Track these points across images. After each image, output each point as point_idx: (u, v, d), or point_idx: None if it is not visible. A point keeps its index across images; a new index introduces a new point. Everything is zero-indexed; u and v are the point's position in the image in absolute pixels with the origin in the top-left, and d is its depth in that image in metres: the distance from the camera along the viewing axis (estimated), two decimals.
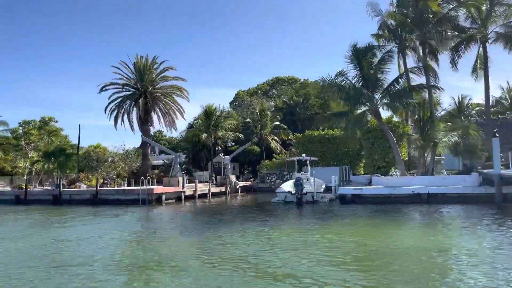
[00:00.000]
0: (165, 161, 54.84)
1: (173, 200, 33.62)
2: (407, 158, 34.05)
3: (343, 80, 31.57)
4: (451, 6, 30.06)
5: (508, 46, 30.61)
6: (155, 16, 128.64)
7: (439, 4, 29.67)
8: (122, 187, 35.51)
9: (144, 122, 44.01)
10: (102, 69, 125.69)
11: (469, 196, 24.87)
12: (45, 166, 40.08)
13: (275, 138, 54.62)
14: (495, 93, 52.25)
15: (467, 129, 28.93)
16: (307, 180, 30.15)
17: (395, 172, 33.57)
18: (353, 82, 31.02)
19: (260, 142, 53.37)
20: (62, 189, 34.22)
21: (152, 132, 46.40)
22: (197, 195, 36.00)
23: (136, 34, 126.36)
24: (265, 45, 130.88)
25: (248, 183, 47.61)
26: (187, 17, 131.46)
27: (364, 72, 29.82)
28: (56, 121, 65.46)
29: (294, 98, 63.24)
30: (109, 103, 44.34)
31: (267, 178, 48.09)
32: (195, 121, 53.66)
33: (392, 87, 29.43)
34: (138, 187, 31.88)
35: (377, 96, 30.19)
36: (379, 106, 29.94)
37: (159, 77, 45.23)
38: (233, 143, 56.66)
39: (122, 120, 44.60)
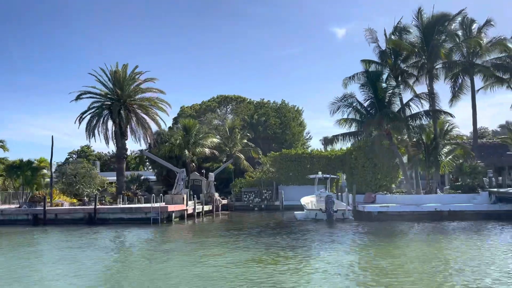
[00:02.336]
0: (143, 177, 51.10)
1: (177, 219, 31.58)
2: (402, 177, 36.14)
3: (353, 102, 32.91)
4: (451, 44, 33.25)
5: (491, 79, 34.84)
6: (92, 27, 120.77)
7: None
8: (128, 205, 32.35)
9: (121, 135, 40.85)
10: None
11: (484, 213, 27.21)
12: (6, 183, 35.05)
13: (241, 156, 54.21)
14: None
15: (467, 150, 31.92)
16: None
17: (393, 190, 35.40)
18: (365, 104, 32.49)
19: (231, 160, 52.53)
20: (46, 208, 30.17)
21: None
22: (196, 213, 34.23)
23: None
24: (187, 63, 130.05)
25: (225, 201, 46.40)
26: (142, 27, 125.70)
27: (378, 95, 31.35)
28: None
29: (255, 117, 63.62)
30: (83, 114, 40.49)
31: (245, 196, 47.37)
32: (162, 136, 51.10)
33: (402, 111, 31.41)
34: (147, 205, 29.39)
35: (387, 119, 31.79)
36: (390, 128, 31.57)
37: (138, 88, 42.45)
38: (200, 160, 54.89)
39: (97, 132, 40.95)
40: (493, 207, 27.58)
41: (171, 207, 29.83)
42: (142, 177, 52.05)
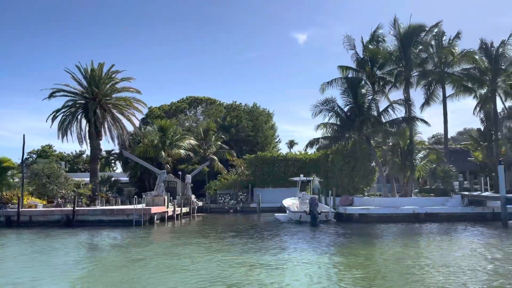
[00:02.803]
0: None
1: (158, 221, 31.15)
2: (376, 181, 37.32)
3: (334, 107, 33.78)
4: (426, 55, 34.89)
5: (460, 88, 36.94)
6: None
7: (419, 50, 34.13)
8: (109, 207, 31.50)
9: (95, 135, 39.78)
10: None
11: (458, 215, 28.69)
12: None
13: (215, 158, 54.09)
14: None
15: (440, 156, 33.49)
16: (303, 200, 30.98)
17: (366, 193, 36.48)
18: (345, 109, 33.45)
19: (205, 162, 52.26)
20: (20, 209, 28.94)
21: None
22: (175, 215, 33.90)
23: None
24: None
25: (200, 203, 46.13)
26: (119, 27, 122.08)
27: (358, 100, 32.37)
28: None
29: (227, 119, 63.67)
30: (57, 112, 39.12)
31: (220, 198, 47.29)
32: (134, 137, 50.12)
33: (382, 116, 32.57)
34: (129, 207, 28.82)
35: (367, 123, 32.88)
36: (368, 133, 32.65)
37: (114, 87, 41.49)
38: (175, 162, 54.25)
39: (70, 132, 39.67)
40: (465, 209, 29.10)
41: (154, 209, 29.43)
42: (113, 179, 50.84)
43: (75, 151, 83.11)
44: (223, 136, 55.46)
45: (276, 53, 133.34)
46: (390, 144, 34.43)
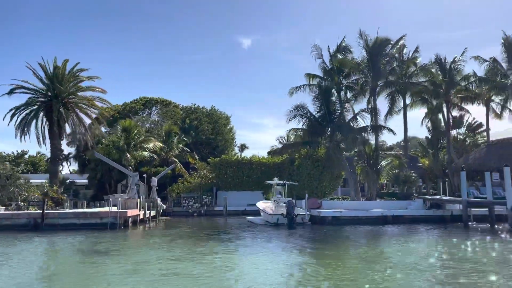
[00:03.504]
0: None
1: (131, 224, 30.46)
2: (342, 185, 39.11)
3: (306, 113, 35.02)
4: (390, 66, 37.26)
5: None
6: None
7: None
8: (82, 210, 30.17)
9: (57, 134, 38.05)
10: None
11: (422, 217, 30.83)
12: None
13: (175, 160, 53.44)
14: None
15: (402, 162, 35.72)
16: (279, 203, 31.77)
17: (330, 196, 38.09)
18: (316, 116, 34.77)
19: (166, 165, 51.49)
20: None
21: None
22: (146, 218, 33.30)
23: None
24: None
25: (164, 206, 45.39)
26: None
27: (329, 108, 33.83)
28: None
29: (187, 121, 63.12)
30: (15, 110, 36.96)
31: (184, 201, 46.80)
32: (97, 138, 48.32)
33: (351, 124, 34.29)
34: (103, 209, 27.93)
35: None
36: (339, 140, 34.20)
37: (78, 86, 39.94)
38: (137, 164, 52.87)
39: (28, 131, 37.62)
40: (428, 212, 31.34)
41: (129, 212, 28.77)
42: (68, 180, 48.73)
43: (17, 151, 78.27)
44: (185, 139, 54.96)
45: (220, 56, 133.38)
46: (356, 150, 36.18)
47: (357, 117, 34.59)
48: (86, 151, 43.42)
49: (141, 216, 32.54)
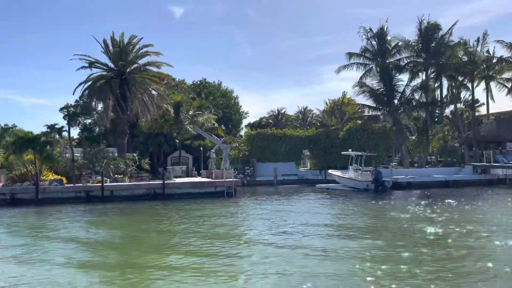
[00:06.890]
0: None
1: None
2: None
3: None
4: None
5: None
6: None
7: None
8: (199, 180, 32.08)
9: (125, 109, 38.71)
10: None
11: (475, 181, 36.05)
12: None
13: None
14: None
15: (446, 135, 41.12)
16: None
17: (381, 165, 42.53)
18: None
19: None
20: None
21: None
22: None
23: None
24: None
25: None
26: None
27: (392, 84, 38.02)
28: None
29: (202, 96, 64.41)
30: (83, 84, 37.34)
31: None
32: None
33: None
34: (210, 180, 30.53)
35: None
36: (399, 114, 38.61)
37: (146, 62, 40.60)
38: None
39: (96, 106, 38.18)
40: (480, 176, 36.92)
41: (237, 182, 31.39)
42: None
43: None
44: (215, 113, 56.71)
45: (151, 25, 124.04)
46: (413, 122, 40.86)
47: (414, 93, 39.01)
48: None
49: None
